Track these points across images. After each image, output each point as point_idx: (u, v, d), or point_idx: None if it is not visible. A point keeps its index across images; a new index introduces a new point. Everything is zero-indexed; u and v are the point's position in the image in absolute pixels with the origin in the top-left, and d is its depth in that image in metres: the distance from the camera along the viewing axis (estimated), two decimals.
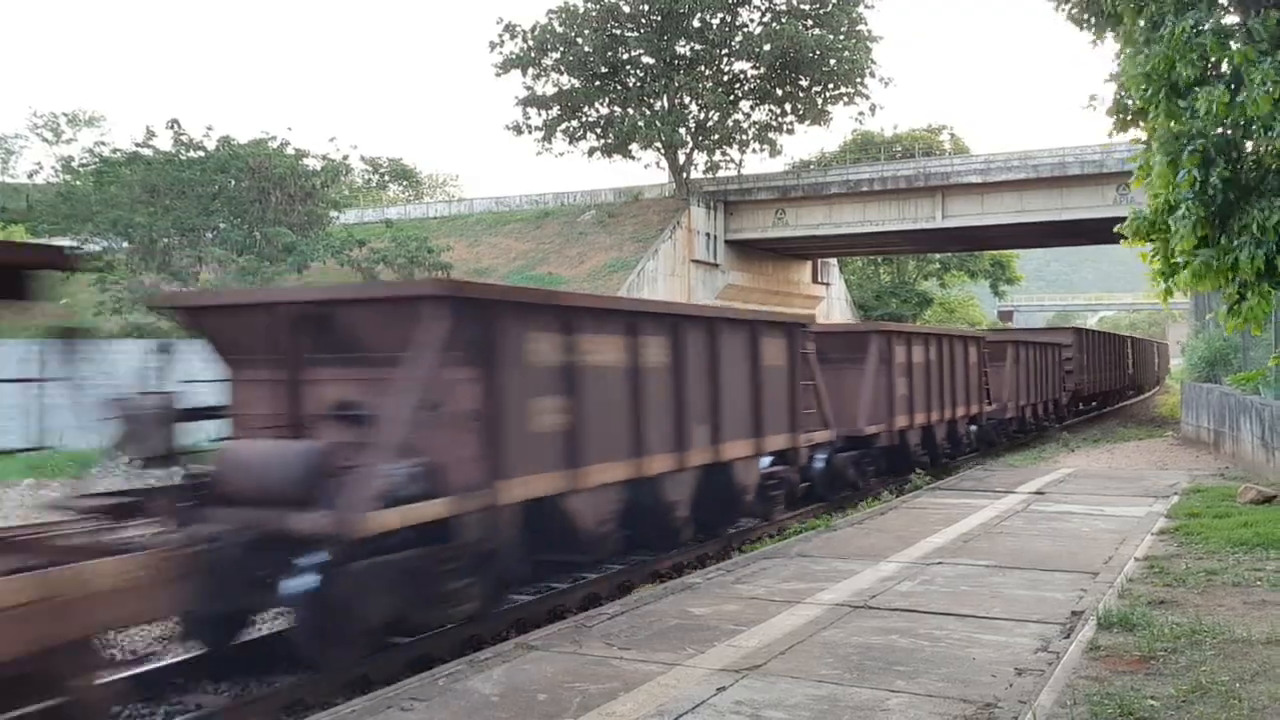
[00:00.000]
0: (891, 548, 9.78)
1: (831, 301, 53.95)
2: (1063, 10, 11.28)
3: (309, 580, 6.43)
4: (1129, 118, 10.98)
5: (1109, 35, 11.14)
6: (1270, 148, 9.12)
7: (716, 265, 44.04)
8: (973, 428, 20.70)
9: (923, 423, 17.50)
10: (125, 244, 35.27)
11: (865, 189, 44.00)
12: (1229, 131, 9.47)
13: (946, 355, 18.76)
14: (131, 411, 7.17)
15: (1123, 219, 11.04)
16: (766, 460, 12.10)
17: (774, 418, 11.92)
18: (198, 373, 8.25)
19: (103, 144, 55.96)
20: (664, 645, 6.46)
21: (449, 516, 7.17)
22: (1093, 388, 34.32)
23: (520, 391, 7.94)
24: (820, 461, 13.91)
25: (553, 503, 8.37)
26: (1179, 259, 10.17)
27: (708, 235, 44.56)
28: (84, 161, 52.92)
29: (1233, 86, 9.30)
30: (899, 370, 16.52)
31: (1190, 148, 9.43)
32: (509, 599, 8.60)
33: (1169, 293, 10.98)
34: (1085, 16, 11.11)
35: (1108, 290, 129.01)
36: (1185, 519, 11.16)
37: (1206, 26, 9.13)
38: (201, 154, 52.90)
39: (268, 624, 8.03)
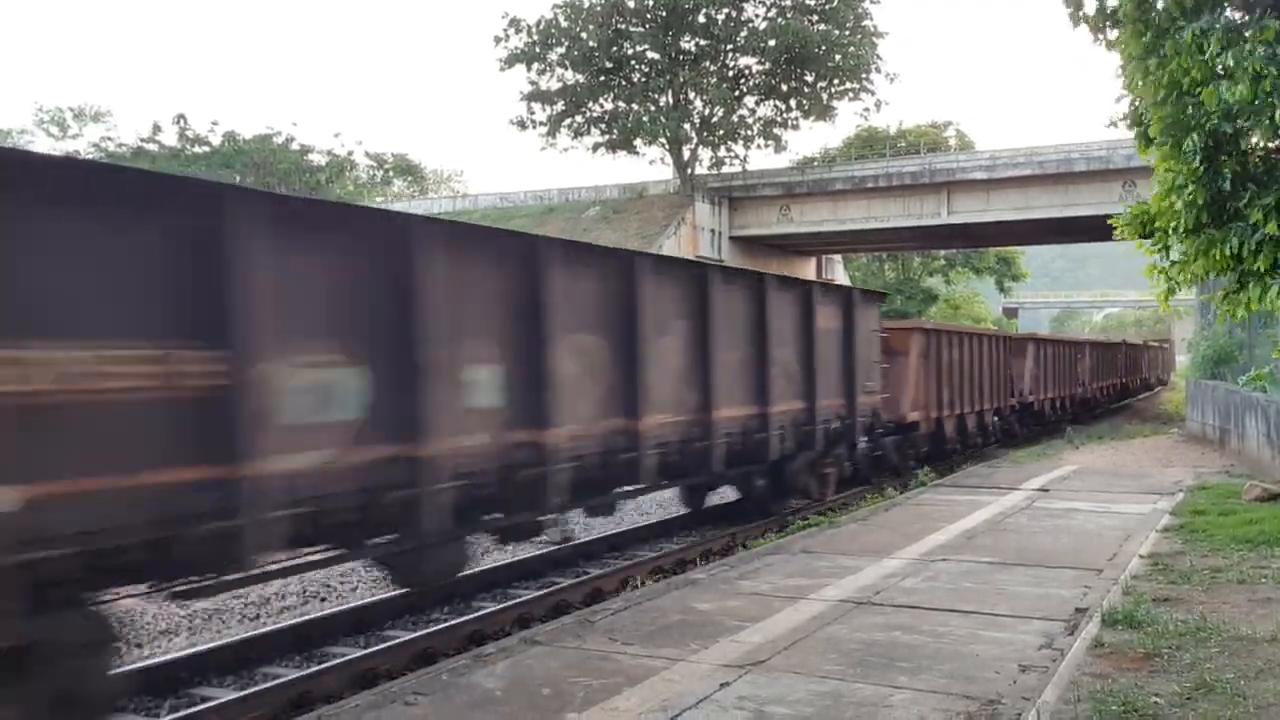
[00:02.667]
0: (895, 544, 9.78)
1: None
2: (1081, 17, 11.20)
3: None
4: (1148, 130, 10.95)
5: (1113, 34, 11.10)
6: (1262, 131, 9.11)
7: (720, 262, 44.12)
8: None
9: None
10: None
11: (870, 185, 43.94)
12: (1236, 122, 9.44)
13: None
14: None
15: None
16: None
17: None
18: None
19: (108, 139, 56.20)
20: (667, 641, 6.47)
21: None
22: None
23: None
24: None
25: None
26: (1178, 241, 10.17)
27: (712, 232, 44.55)
28: (90, 156, 53.02)
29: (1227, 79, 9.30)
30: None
31: (1196, 135, 9.42)
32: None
33: (1170, 291, 10.95)
34: (1097, 25, 11.07)
35: (1113, 287, 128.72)
36: (1190, 516, 11.14)
37: (1215, 29, 9.10)
38: (207, 149, 53.07)
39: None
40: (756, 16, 46.62)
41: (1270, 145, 9.35)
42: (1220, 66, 9.10)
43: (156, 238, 5.35)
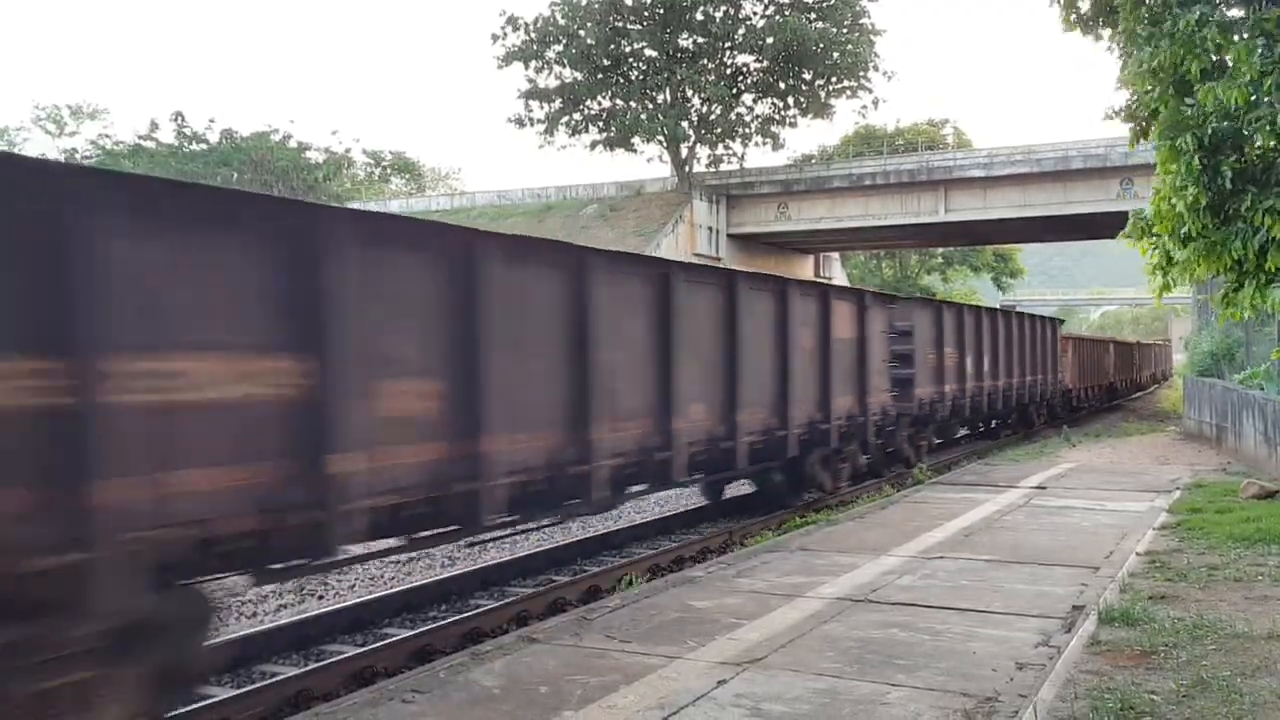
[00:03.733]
0: (893, 542, 9.78)
1: None
2: (1073, 20, 11.20)
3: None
4: (1144, 124, 10.96)
5: (1106, 33, 11.11)
6: (1262, 134, 9.12)
7: (719, 259, 44.08)
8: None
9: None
10: None
11: (868, 183, 43.97)
12: (1237, 123, 9.46)
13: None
14: None
15: (1126, 213, 11.05)
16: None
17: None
18: None
19: (106, 136, 56.26)
20: (665, 638, 6.47)
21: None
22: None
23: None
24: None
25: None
26: (1176, 247, 10.18)
27: (710, 229, 44.57)
28: (87, 154, 53.00)
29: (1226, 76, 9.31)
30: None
31: (1192, 135, 9.42)
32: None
33: (1166, 287, 10.96)
34: (1090, 19, 11.07)
35: (1110, 285, 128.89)
36: (1187, 514, 11.15)
37: (1213, 19, 9.10)
38: (204, 147, 53.09)
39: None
40: (754, 14, 46.70)
41: (1270, 145, 9.35)
42: (1216, 57, 9.12)
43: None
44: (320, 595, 9.56)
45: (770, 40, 45.30)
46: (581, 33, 46.25)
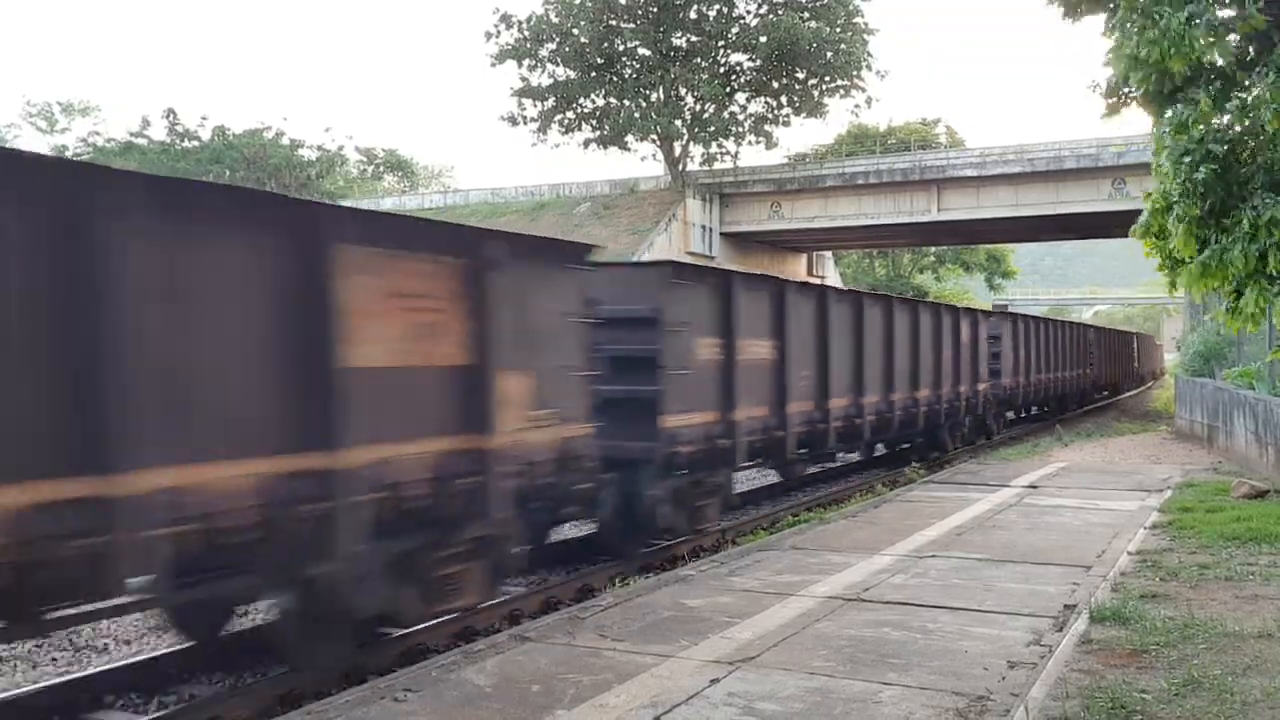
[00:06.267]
0: (885, 541, 9.79)
1: None
2: (1070, 10, 11.21)
3: None
4: (1120, 100, 10.99)
5: (1092, 18, 11.13)
6: (1266, 150, 9.16)
7: (712, 258, 44.09)
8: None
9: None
10: None
11: (861, 182, 44.01)
12: (1231, 130, 9.49)
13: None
14: None
15: (1118, 213, 11.15)
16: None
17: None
18: None
19: (97, 134, 56.01)
20: (657, 637, 6.47)
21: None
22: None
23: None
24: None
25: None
26: (1177, 257, 10.21)
27: (703, 228, 44.57)
28: (78, 151, 52.79)
29: (1221, 85, 9.34)
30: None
31: (1185, 153, 9.49)
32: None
33: (1173, 286, 11.03)
34: (1077, 4, 11.09)
35: (1102, 285, 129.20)
36: (1178, 513, 11.19)
37: (1202, 18, 9.11)
38: (196, 144, 52.91)
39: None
40: (748, 13, 46.68)
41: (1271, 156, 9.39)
42: (1205, 58, 9.13)
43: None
44: None
45: (764, 39, 45.29)
46: (575, 31, 46.19)
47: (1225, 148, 9.57)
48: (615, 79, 46.92)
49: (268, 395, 5.73)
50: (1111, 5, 10.31)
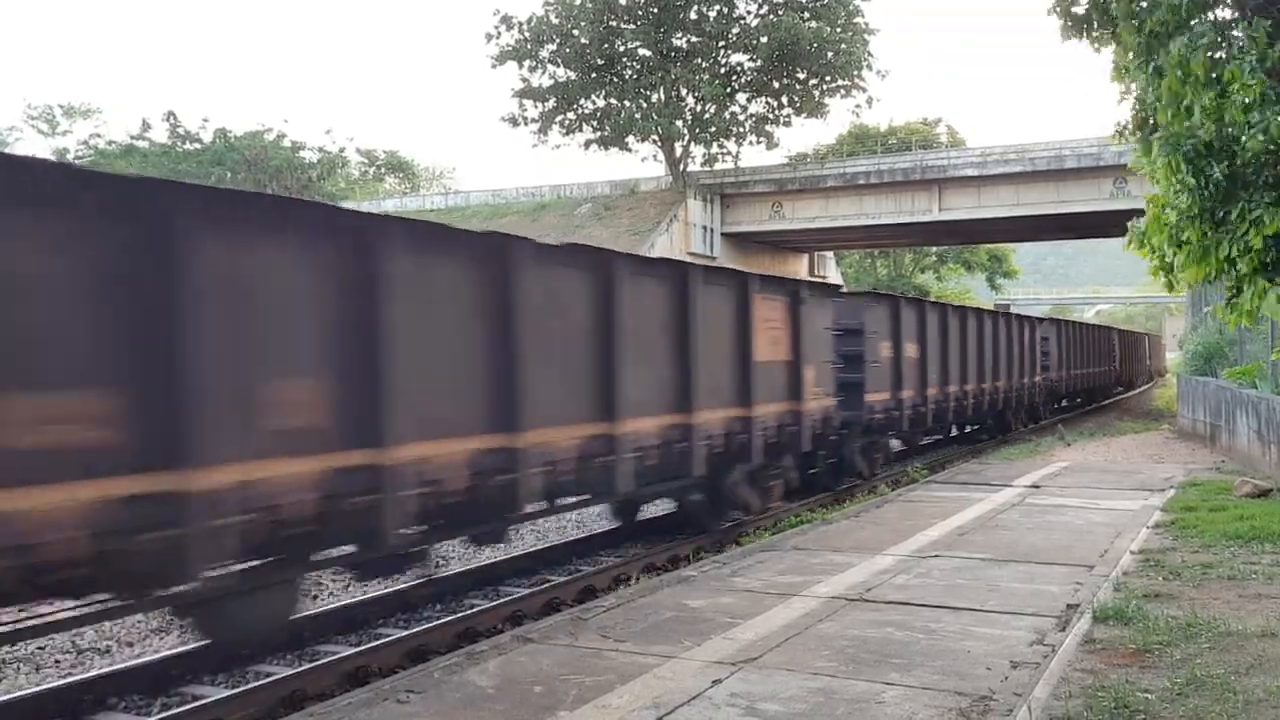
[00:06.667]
0: (887, 541, 9.79)
1: None
2: (1069, 30, 11.21)
3: None
4: (1144, 128, 11.02)
5: (1110, 47, 11.13)
6: (1255, 143, 9.14)
7: (713, 258, 44.08)
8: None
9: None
10: None
11: (862, 182, 43.98)
12: (1227, 130, 9.49)
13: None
14: None
15: (1119, 212, 11.17)
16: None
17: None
18: None
19: (98, 136, 56.04)
20: (660, 638, 6.47)
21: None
22: None
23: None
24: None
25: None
26: (1173, 251, 10.22)
27: (704, 228, 44.55)
28: (79, 154, 52.82)
29: (1221, 88, 9.35)
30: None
31: (1186, 148, 9.49)
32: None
33: (1170, 286, 11.05)
34: (1094, 31, 11.09)
35: (1104, 284, 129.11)
36: (1181, 513, 11.18)
37: (1202, 42, 9.13)
38: (198, 146, 52.97)
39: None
40: (749, 14, 46.71)
41: (1261, 150, 9.39)
42: (1207, 76, 9.14)
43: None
44: (315, 595, 9.54)
45: (764, 39, 45.30)
46: (575, 32, 46.22)
47: (1227, 149, 9.59)
48: (616, 80, 46.94)
49: (740, 376, 10.81)
50: (1115, 32, 10.33)
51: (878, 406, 15.11)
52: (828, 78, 47.09)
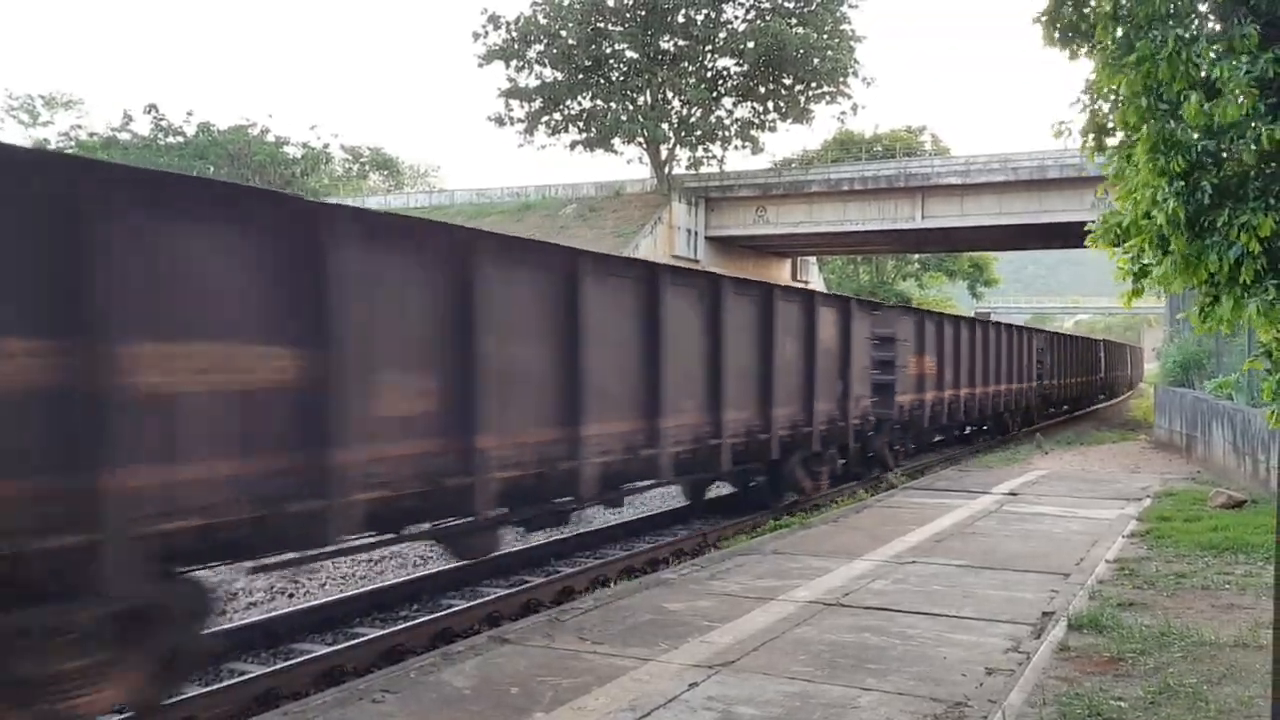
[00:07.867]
0: (865, 546, 9.82)
1: None
2: (1052, 38, 11.24)
3: None
4: (1106, 136, 11.00)
5: (1083, 52, 11.14)
6: (1248, 154, 9.17)
7: (697, 261, 44.06)
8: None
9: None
10: None
11: (846, 188, 44.09)
12: (1213, 139, 9.52)
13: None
14: None
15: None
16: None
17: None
18: None
19: (79, 128, 55.56)
20: (637, 640, 6.46)
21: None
22: None
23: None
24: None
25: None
26: (1154, 257, 10.23)
27: (689, 231, 44.58)
28: (60, 145, 52.35)
29: (1207, 92, 9.37)
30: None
31: (1174, 153, 9.50)
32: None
33: (1138, 293, 11.05)
34: (1070, 37, 11.10)
35: (1084, 293, 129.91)
36: (1156, 522, 11.26)
37: (1201, 33, 9.15)
38: (180, 139, 52.61)
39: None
40: (736, 18, 46.73)
41: (1251, 162, 9.42)
42: (1204, 74, 9.16)
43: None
44: (290, 594, 9.49)
45: (751, 45, 45.35)
46: (563, 33, 46.16)
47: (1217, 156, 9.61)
48: (602, 81, 46.90)
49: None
50: (1098, 41, 10.34)
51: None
52: (814, 84, 47.18)
